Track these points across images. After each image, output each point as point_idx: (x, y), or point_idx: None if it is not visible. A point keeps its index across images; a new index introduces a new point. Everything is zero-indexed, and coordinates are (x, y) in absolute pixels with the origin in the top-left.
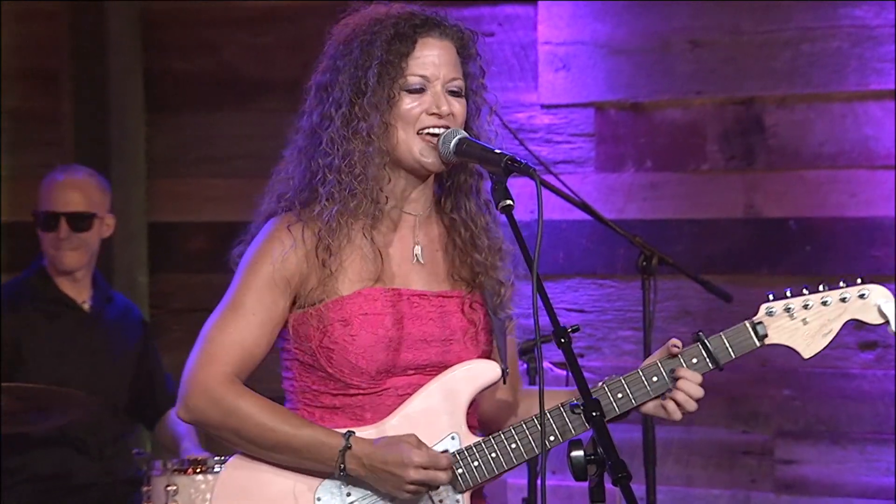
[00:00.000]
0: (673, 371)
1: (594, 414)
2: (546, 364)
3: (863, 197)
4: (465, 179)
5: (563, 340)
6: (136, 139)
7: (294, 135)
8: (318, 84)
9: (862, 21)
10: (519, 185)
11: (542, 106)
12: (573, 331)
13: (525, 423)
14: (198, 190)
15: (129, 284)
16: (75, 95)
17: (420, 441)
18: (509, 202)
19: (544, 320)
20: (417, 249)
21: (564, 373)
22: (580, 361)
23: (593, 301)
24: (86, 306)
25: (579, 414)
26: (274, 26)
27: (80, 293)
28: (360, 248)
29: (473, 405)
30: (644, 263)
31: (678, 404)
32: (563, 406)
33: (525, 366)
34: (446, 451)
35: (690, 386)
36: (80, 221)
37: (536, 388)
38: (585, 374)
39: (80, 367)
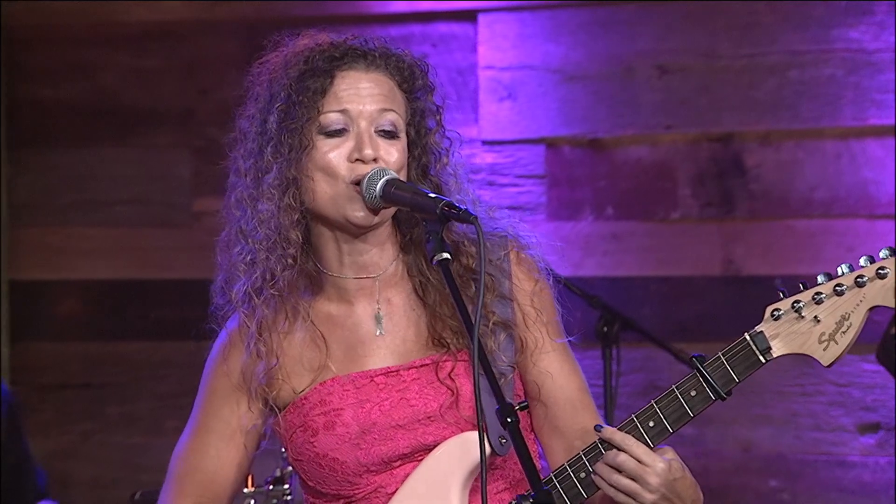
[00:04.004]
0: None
1: None
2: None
3: (861, 251)
4: (422, 232)
5: (509, 420)
6: None
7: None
8: (237, 133)
9: (858, 44)
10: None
11: (484, 142)
12: (521, 408)
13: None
14: (70, 242)
15: None
16: None
17: None
18: (446, 255)
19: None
20: (379, 316)
21: None
22: (530, 444)
23: None
24: None
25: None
26: (163, 46)
27: None
28: (307, 330)
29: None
30: (605, 329)
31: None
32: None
33: None
34: None
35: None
36: None
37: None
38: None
39: None
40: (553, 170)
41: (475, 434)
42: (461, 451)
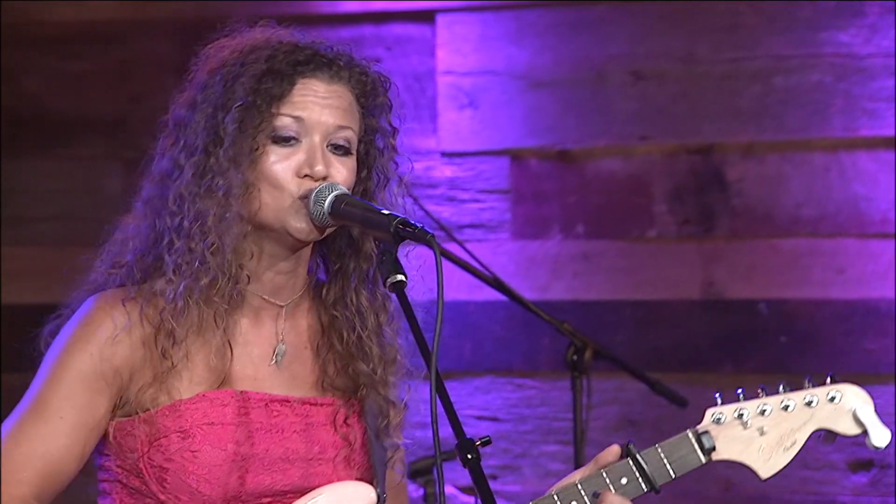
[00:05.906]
0: (597, 495)
1: None
2: (449, 489)
3: (852, 273)
4: (357, 265)
5: (469, 457)
6: None
7: (143, 180)
8: (175, 120)
9: (849, 49)
10: (414, 255)
11: (443, 154)
12: (483, 444)
13: None
14: None
15: None
16: None
17: None
18: (400, 278)
19: (446, 431)
20: (280, 348)
21: (472, 500)
22: (492, 485)
23: (509, 406)
24: None
25: None
26: (92, 49)
27: None
28: (211, 339)
29: None
30: (574, 357)
31: None
32: None
33: (422, 490)
34: None
35: None
36: None
37: None
38: (500, 502)
39: None
40: (518, 184)
41: (357, 485)
42: (340, 499)
